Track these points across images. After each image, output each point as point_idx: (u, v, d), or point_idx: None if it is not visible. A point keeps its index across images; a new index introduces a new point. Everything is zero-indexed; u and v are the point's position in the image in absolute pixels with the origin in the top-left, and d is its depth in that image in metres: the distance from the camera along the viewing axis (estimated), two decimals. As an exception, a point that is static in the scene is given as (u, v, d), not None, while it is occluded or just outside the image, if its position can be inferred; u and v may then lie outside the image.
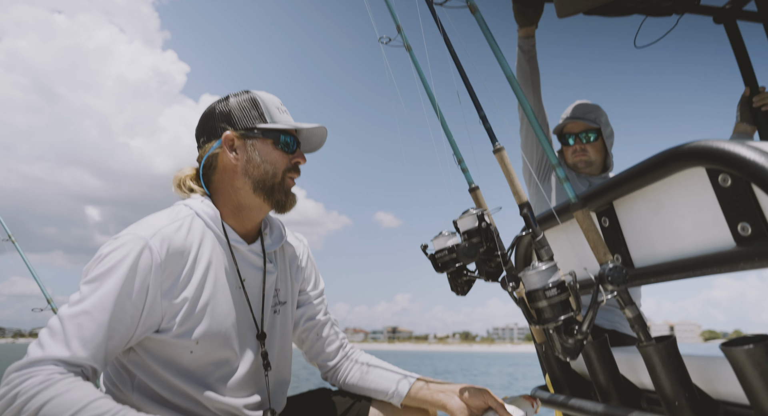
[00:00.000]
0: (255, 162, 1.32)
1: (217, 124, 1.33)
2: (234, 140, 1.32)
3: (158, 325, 1.17)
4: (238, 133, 1.31)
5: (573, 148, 2.30)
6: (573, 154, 2.30)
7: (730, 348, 0.74)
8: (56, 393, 0.96)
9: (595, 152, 2.29)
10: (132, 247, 1.13)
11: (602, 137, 2.30)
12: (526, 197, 1.17)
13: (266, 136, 1.33)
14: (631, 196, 1.07)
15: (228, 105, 1.34)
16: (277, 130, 1.34)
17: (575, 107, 2.36)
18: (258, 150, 1.32)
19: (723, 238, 0.83)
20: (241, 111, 1.33)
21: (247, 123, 1.32)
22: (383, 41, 1.59)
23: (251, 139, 1.32)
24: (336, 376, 1.53)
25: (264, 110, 1.34)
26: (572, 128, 2.31)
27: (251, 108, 1.34)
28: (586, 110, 2.32)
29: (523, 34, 2.34)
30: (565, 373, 1.42)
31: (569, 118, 2.31)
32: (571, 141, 2.30)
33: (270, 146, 1.33)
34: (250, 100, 1.35)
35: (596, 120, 2.29)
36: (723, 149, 0.75)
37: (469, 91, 1.27)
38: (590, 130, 2.28)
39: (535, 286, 0.97)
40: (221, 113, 1.33)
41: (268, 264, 1.39)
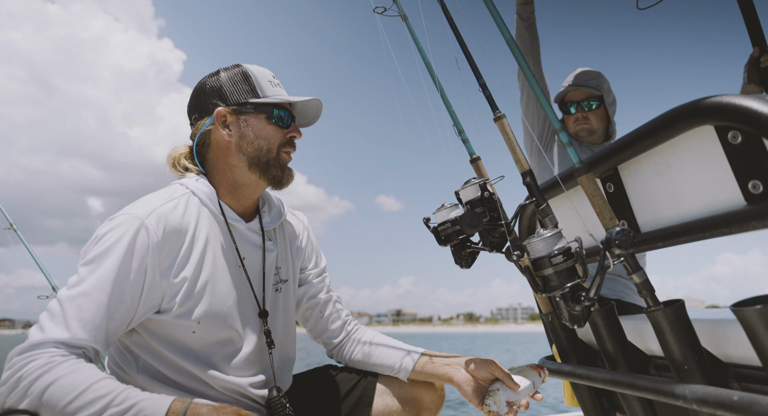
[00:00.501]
0: (248, 138, 1.29)
1: (209, 99, 1.30)
2: (226, 116, 1.29)
3: (159, 306, 1.16)
4: (230, 109, 1.28)
5: (575, 116, 2.26)
6: (575, 123, 2.26)
7: (741, 308, 0.72)
8: (59, 375, 0.95)
9: (597, 120, 2.25)
10: (128, 227, 1.11)
11: (604, 105, 2.27)
12: (528, 165, 1.14)
13: (259, 110, 1.30)
14: (636, 160, 1.05)
15: (219, 80, 1.31)
16: (269, 104, 1.31)
17: (577, 75, 2.31)
18: (251, 125, 1.29)
19: (733, 198, 0.80)
20: (233, 85, 1.30)
21: (239, 98, 1.29)
22: (378, 11, 1.55)
23: (244, 114, 1.29)
24: (341, 353, 1.53)
25: (256, 84, 1.31)
26: (574, 96, 2.27)
27: (242, 82, 1.30)
28: (588, 77, 2.28)
29: (522, 0, 2.29)
30: (571, 342, 1.42)
31: (571, 86, 2.27)
32: (573, 109, 2.26)
33: (263, 121, 1.30)
34: (241, 73, 1.31)
35: (598, 87, 2.25)
36: (733, 103, 0.72)
37: (468, 58, 1.24)
38: (592, 98, 2.24)
39: (541, 254, 0.95)
40: (212, 88, 1.30)
41: (267, 242, 1.38)
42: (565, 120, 2.33)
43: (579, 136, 2.27)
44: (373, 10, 1.59)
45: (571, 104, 2.27)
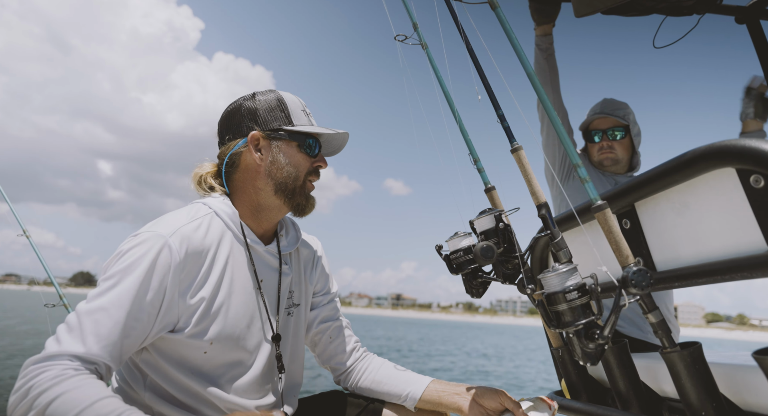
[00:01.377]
0: (279, 163, 1.31)
1: (244, 121, 1.32)
2: (260, 140, 1.31)
3: (174, 325, 1.16)
4: (264, 134, 1.30)
5: (599, 145, 2.24)
6: (599, 152, 2.24)
7: (764, 357, 0.71)
8: (66, 390, 0.95)
9: (622, 150, 2.23)
10: (152, 245, 1.12)
11: (630, 135, 2.24)
12: (544, 198, 1.14)
13: (292, 138, 1.32)
14: (654, 198, 1.04)
15: (255, 103, 1.33)
16: (302, 133, 1.33)
17: (603, 103, 2.30)
18: (283, 152, 1.31)
19: (754, 242, 0.79)
20: (268, 111, 1.32)
21: (274, 124, 1.31)
22: (399, 39, 1.57)
23: (277, 140, 1.31)
24: (348, 379, 1.52)
25: (290, 112, 1.34)
26: (599, 124, 2.25)
27: (277, 109, 1.33)
28: (614, 107, 2.26)
29: (540, 32, 2.31)
30: (582, 379, 1.39)
31: (597, 114, 2.25)
32: (598, 138, 2.24)
33: (294, 149, 1.33)
34: (276, 100, 1.34)
35: (625, 117, 2.23)
36: (756, 148, 0.72)
37: (488, 89, 1.25)
38: (618, 127, 2.22)
39: (555, 289, 0.94)
40: (248, 111, 1.32)
41: (284, 266, 1.38)
42: (588, 148, 2.31)
43: (603, 164, 2.25)
44: (394, 38, 1.61)
45: (596, 133, 2.25)
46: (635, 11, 2.20)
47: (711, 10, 2.19)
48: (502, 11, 1.08)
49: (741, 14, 2.25)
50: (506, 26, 1.06)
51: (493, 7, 1.08)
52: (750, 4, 2.23)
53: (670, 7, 2.15)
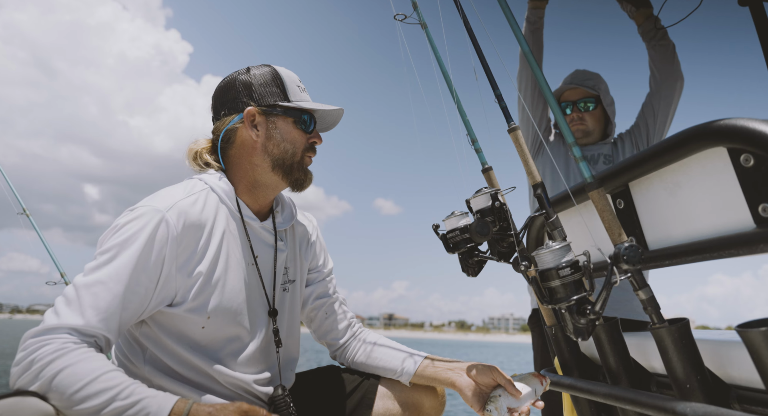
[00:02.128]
0: (275, 140, 1.31)
1: (239, 97, 1.31)
2: (256, 116, 1.30)
3: (172, 299, 1.18)
4: (260, 109, 1.30)
5: (570, 117, 2.24)
6: (570, 123, 2.24)
7: (745, 329, 0.73)
8: (70, 362, 0.98)
9: (593, 121, 2.24)
10: (149, 219, 1.13)
11: (602, 105, 2.24)
12: (540, 177, 1.16)
13: (287, 114, 1.32)
14: (647, 178, 1.06)
15: (250, 78, 1.32)
16: (298, 108, 1.33)
17: (574, 74, 2.31)
18: (279, 128, 1.31)
19: (742, 220, 0.81)
20: (263, 86, 1.31)
21: (269, 99, 1.31)
22: (399, 18, 1.57)
23: (272, 116, 1.31)
24: (344, 355, 1.55)
25: (286, 87, 1.33)
26: (570, 96, 2.26)
27: (273, 84, 1.32)
28: (584, 77, 2.26)
29: (533, 5, 2.31)
30: (574, 356, 1.42)
31: (567, 85, 2.26)
32: (569, 110, 2.24)
33: (290, 125, 1.33)
34: (271, 74, 1.33)
35: (595, 87, 2.22)
36: (746, 127, 0.73)
37: (486, 69, 1.25)
38: (588, 98, 2.22)
39: (549, 265, 0.96)
40: (243, 85, 1.32)
41: (279, 242, 1.40)
42: None
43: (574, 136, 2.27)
44: (394, 17, 1.61)
45: (567, 104, 2.25)
46: (636, -6, 2.19)
47: (712, -8, 2.17)
48: (501, -10, 1.08)
49: (743, -4, 2.23)
50: (504, 6, 1.06)
51: (492, -15, 1.08)
52: (752, -14, 2.21)
53: (671, -12, 2.13)
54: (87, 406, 0.95)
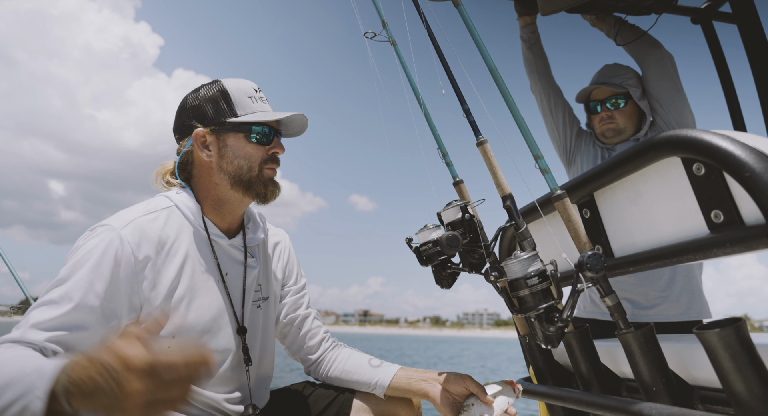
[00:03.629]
0: (228, 158, 1.30)
1: (188, 120, 1.32)
2: (205, 137, 1.30)
3: (136, 317, 1.16)
4: (209, 129, 1.30)
5: (600, 116, 2.16)
6: (600, 123, 2.16)
7: (702, 331, 0.76)
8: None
9: (624, 118, 2.13)
10: (103, 238, 1.12)
11: (633, 100, 2.13)
12: (509, 189, 1.18)
13: (237, 130, 1.30)
14: (610, 187, 1.10)
15: (198, 98, 1.32)
16: (247, 122, 1.31)
17: (602, 71, 2.23)
18: (230, 145, 1.30)
19: (697, 226, 0.85)
20: (211, 105, 1.30)
21: (217, 117, 1.30)
22: (368, 36, 1.60)
23: (222, 134, 1.30)
24: (318, 370, 1.54)
25: (234, 102, 1.31)
26: (597, 95, 2.17)
27: (220, 100, 1.30)
28: (612, 74, 2.17)
29: (522, 23, 2.35)
30: (547, 364, 1.44)
31: (594, 84, 2.18)
32: (599, 108, 2.16)
33: (242, 140, 1.31)
34: (218, 91, 1.31)
35: (623, 83, 2.13)
36: (696, 138, 0.77)
37: (453, 84, 1.29)
38: (617, 95, 2.12)
39: (517, 275, 0.99)
40: (192, 108, 1.32)
41: (250, 259, 1.39)
42: (591, 120, 2.25)
43: (605, 136, 2.17)
44: (364, 35, 1.64)
45: (596, 103, 2.17)
46: (596, 10, 2.27)
47: (668, 11, 2.28)
48: (464, 9, 1.12)
49: (696, 15, 2.35)
50: (468, 23, 1.10)
51: (456, 4, 1.12)
52: (704, 6, 2.33)
53: (629, 6, 2.23)
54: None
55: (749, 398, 0.72)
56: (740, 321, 0.75)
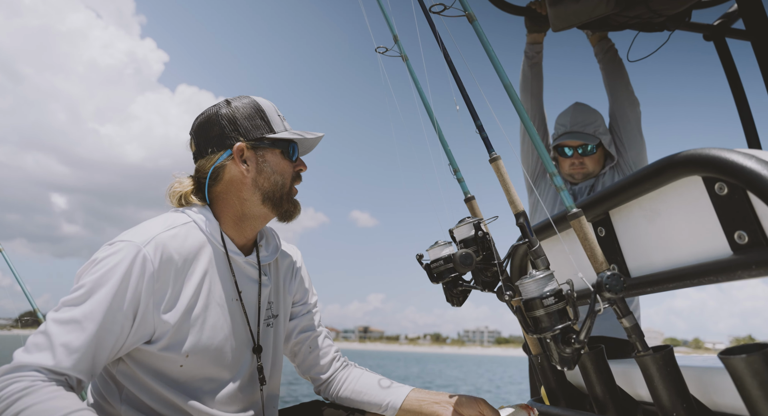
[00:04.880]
0: (266, 173, 1.30)
1: (225, 132, 1.29)
2: (245, 151, 1.29)
3: (150, 336, 1.14)
4: (249, 144, 1.29)
5: (570, 161, 2.26)
6: (570, 166, 2.26)
7: (728, 357, 0.73)
8: (38, 400, 0.94)
9: (593, 163, 2.26)
10: (125, 254, 1.11)
11: (603, 147, 2.26)
12: (522, 207, 1.17)
13: (275, 146, 1.31)
14: (627, 206, 1.08)
15: (233, 111, 1.30)
16: (286, 139, 1.33)
17: (573, 116, 2.31)
18: (268, 161, 1.30)
19: (720, 247, 0.83)
20: (248, 120, 1.30)
21: (255, 132, 1.30)
22: (380, 51, 1.60)
23: (261, 149, 1.30)
24: (329, 389, 1.51)
25: (269, 118, 1.33)
26: (571, 142, 2.27)
27: (256, 116, 1.31)
28: (584, 122, 2.27)
29: (531, 40, 2.37)
30: (560, 385, 1.41)
31: (567, 134, 2.27)
32: (570, 152, 2.26)
33: (279, 156, 1.32)
34: (253, 107, 1.32)
35: (595, 133, 2.24)
36: (719, 157, 0.75)
37: (466, 100, 1.28)
38: (588, 144, 2.24)
39: (533, 295, 0.96)
40: (228, 120, 1.29)
41: (263, 277, 1.38)
42: (560, 160, 2.34)
43: (574, 178, 2.28)
44: (375, 50, 1.64)
45: (568, 148, 2.26)
46: (608, 26, 2.27)
47: (680, 27, 2.27)
48: (479, 24, 1.11)
49: (708, 32, 2.34)
50: (483, 39, 1.09)
51: (471, 20, 1.11)
52: (717, 23, 2.32)
53: (641, 23, 2.22)
54: None
55: (778, 428, 0.69)
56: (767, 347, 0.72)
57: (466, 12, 1.13)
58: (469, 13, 1.13)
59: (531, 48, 2.37)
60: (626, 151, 2.26)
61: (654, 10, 2.04)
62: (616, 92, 2.30)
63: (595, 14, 2.02)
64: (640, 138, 2.27)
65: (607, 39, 2.39)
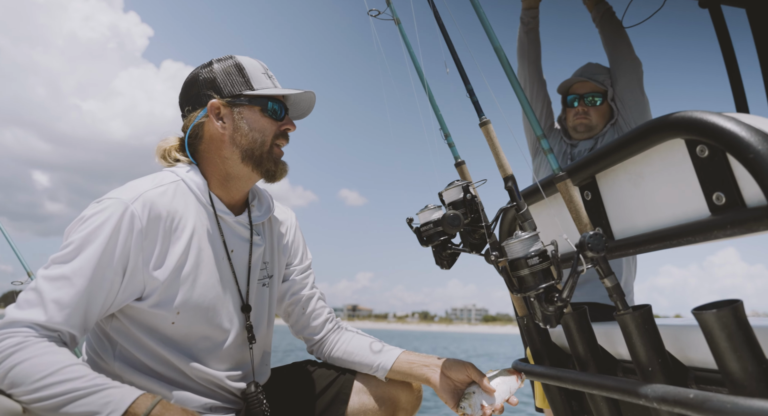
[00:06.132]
0: (242, 130, 1.30)
1: (202, 91, 1.30)
2: (220, 108, 1.29)
3: (141, 292, 1.17)
4: (224, 101, 1.29)
5: (575, 110, 2.24)
6: (575, 116, 2.24)
7: (701, 312, 0.77)
8: (31, 355, 0.96)
9: (597, 116, 2.23)
10: (113, 211, 1.12)
11: (607, 101, 2.24)
12: (510, 170, 1.18)
13: (253, 103, 1.30)
14: (612, 170, 1.09)
15: (212, 71, 1.31)
16: (264, 96, 1.31)
17: (586, 66, 2.30)
18: (245, 118, 1.30)
19: (699, 208, 0.85)
20: (226, 77, 1.30)
21: (233, 90, 1.29)
22: (372, 14, 1.58)
23: (238, 106, 1.30)
24: (321, 350, 1.55)
25: (250, 76, 1.32)
26: (578, 89, 2.25)
27: (236, 74, 1.31)
28: (595, 72, 2.26)
29: (526, 5, 2.33)
30: (545, 345, 1.46)
31: (577, 77, 2.26)
32: (576, 103, 2.24)
33: (257, 113, 1.31)
34: (234, 65, 1.32)
35: (604, 82, 2.22)
36: (701, 119, 0.77)
37: (457, 63, 1.27)
38: (596, 93, 2.21)
39: (518, 255, 0.99)
40: (206, 80, 1.30)
41: (255, 237, 1.39)
42: (566, 112, 2.32)
43: (577, 130, 2.26)
44: (367, 13, 1.62)
45: (574, 97, 2.25)
46: (606, -10, 2.25)
47: (676, -7, 2.25)
48: (471, -14, 1.10)
49: (704, -2, 2.32)
50: (475, 2, 1.08)
51: (463, -19, 1.10)
52: (713, -12, 2.30)
53: (638, -12, 2.20)
54: (45, 395, 0.93)
55: (744, 377, 0.73)
56: (737, 302, 0.75)
57: (458, -27, 1.11)
58: (461, -26, 1.11)
59: (526, 13, 2.33)
60: (629, 113, 2.23)
61: (650, -25, 2.01)
62: (616, 54, 2.26)
63: (591, -22, 2.00)
64: (642, 97, 2.23)
65: (603, 2, 2.36)
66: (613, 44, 2.27)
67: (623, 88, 2.21)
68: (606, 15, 2.32)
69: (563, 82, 2.31)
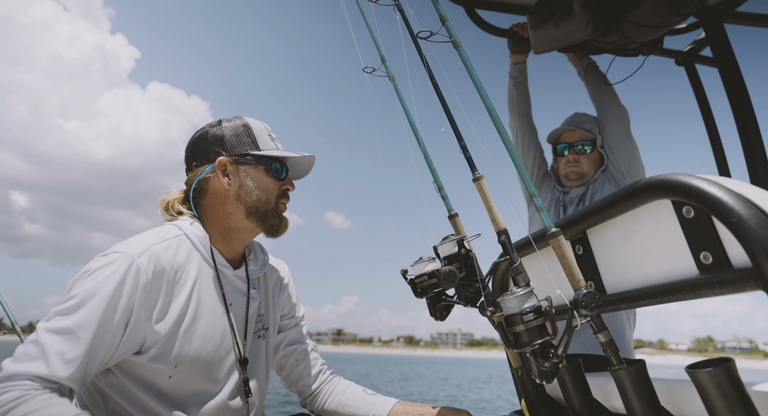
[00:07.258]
0: (248, 188, 1.34)
1: (211, 147, 1.34)
2: (227, 165, 1.33)
3: (140, 346, 1.16)
4: (232, 159, 1.33)
5: (566, 159, 2.31)
6: (566, 165, 2.31)
7: (694, 370, 0.78)
8: (34, 408, 0.94)
9: (588, 164, 2.30)
10: (120, 265, 1.12)
11: (597, 148, 2.31)
12: (503, 224, 1.21)
13: (259, 162, 1.35)
14: (603, 226, 1.13)
15: (221, 129, 1.36)
16: (269, 157, 1.36)
17: (573, 116, 2.39)
18: (250, 176, 1.34)
19: (687, 266, 0.88)
20: (235, 137, 1.35)
21: (240, 149, 1.34)
22: (367, 71, 1.64)
23: (244, 164, 1.34)
24: (315, 402, 1.53)
25: (256, 136, 1.37)
26: (567, 138, 2.33)
27: (244, 134, 1.36)
28: (583, 120, 2.34)
29: (514, 60, 2.45)
30: (540, 398, 1.45)
31: (565, 126, 2.34)
32: (566, 152, 2.31)
33: (262, 172, 1.36)
34: (242, 125, 1.38)
35: (592, 130, 2.30)
36: (686, 183, 0.81)
37: (451, 121, 1.32)
38: (585, 141, 2.29)
39: (513, 311, 1.00)
40: (214, 137, 1.35)
41: (252, 290, 1.40)
42: (557, 160, 2.39)
43: (569, 178, 2.31)
44: (363, 69, 1.69)
45: (564, 146, 2.32)
46: (587, 50, 2.37)
47: (654, 53, 2.38)
48: (464, 50, 1.16)
49: (680, 57, 2.46)
50: (468, 64, 1.14)
51: (456, 46, 1.16)
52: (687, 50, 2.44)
53: (618, 48, 2.33)
54: None
55: (740, 437, 0.74)
56: (730, 361, 0.77)
57: (452, 38, 1.18)
58: (455, 40, 1.18)
59: (515, 68, 2.45)
60: (618, 160, 2.29)
61: (628, 37, 2.14)
62: (602, 103, 2.36)
63: (574, 39, 2.11)
64: (630, 144, 2.30)
65: (586, 57, 2.49)
66: (598, 94, 2.37)
67: (611, 135, 2.29)
68: (590, 69, 2.44)
69: (552, 131, 2.40)
